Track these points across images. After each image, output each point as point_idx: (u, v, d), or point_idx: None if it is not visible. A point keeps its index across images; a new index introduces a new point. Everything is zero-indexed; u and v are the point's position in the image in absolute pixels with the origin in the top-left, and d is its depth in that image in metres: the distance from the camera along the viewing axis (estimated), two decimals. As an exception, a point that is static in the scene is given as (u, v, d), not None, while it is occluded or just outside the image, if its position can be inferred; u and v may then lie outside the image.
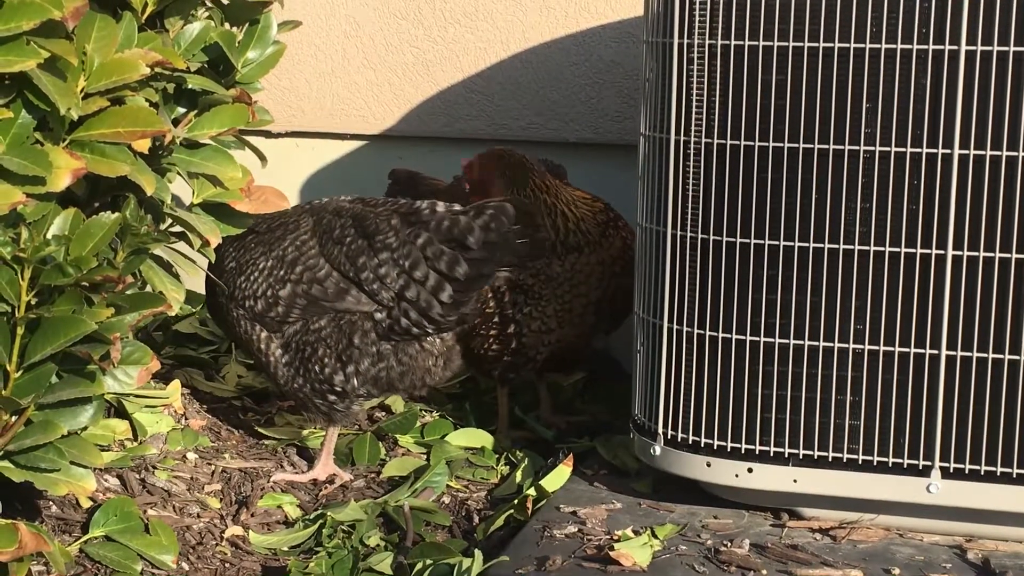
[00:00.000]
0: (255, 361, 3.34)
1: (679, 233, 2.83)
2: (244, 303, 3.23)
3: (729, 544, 2.74)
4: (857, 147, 2.66)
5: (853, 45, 2.63)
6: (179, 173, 2.86)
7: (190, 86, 2.81)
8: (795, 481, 2.79)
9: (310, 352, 3.19)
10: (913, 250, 2.67)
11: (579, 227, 3.47)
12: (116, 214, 2.49)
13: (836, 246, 2.70)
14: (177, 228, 2.89)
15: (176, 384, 3.52)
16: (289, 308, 3.20)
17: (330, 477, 3.31)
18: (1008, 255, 2.62)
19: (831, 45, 2.65)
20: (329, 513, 3.03)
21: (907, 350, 2.70)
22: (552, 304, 3.47)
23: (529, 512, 2.99)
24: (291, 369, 3.22)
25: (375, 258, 3.13)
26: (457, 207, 3.13)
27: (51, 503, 2.88)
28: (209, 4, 2.95)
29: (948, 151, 2.62)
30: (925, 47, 2.60)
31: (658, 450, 2.92)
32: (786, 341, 2.75)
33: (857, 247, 2.69)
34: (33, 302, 2.37)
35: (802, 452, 2.77)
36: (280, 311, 3.20)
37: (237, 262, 3.25)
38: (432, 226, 3.11)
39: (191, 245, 2.89)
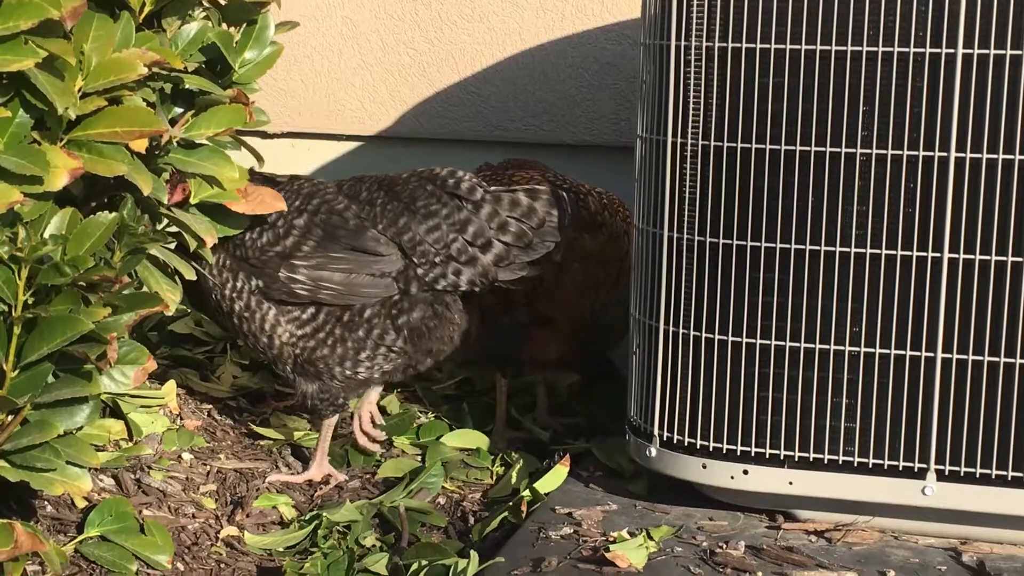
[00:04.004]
0: (242, 327, 3.24)
1: (676, 235, 2.83)
2: (245, 241, 3.15)
3: (724, 546, 2.74)
4: (854, 150, 2.67)
5: (850, 48, 2.64)
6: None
7: (187, 86, 2.81)
8: (791, 483, 2.79)
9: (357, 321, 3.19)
10: (909, 253, 2.67)
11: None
12: (113, 214, 2.49)
13: (832, 249, 2.70)
14: (173, 228, 2.89)
15: (172, 384, 3.52)
16: (303, 238, 3.14)
17: (325, 478, 3.31)
18: (1004, 258, 2.63)
19: (828, 48, 2.65)
20: (324, 514, 3.03)
21: (903, 353, 2.70)
22: None
23: (524, 514, 2.99)
24: (312, 341, 3.19)
25: (423, 224, 3.14)
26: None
27: (46, 503, 2.87)
28: (206, 4, 2.95)
29: (944, 154, 2.63)
30: (922, 50, 2.60)
31: (654, 452, 2.92)
32: (782, 343, 2.76)
33: (854, 250, 2.70)
34: (30, 301, 2.37)
35: (798, 454, 2.77)
36: (289, 244, 3.14)
37: None
38: (490, 198, 3.16)
39: (187, 246, 2.89)
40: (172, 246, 2.83)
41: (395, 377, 3.35)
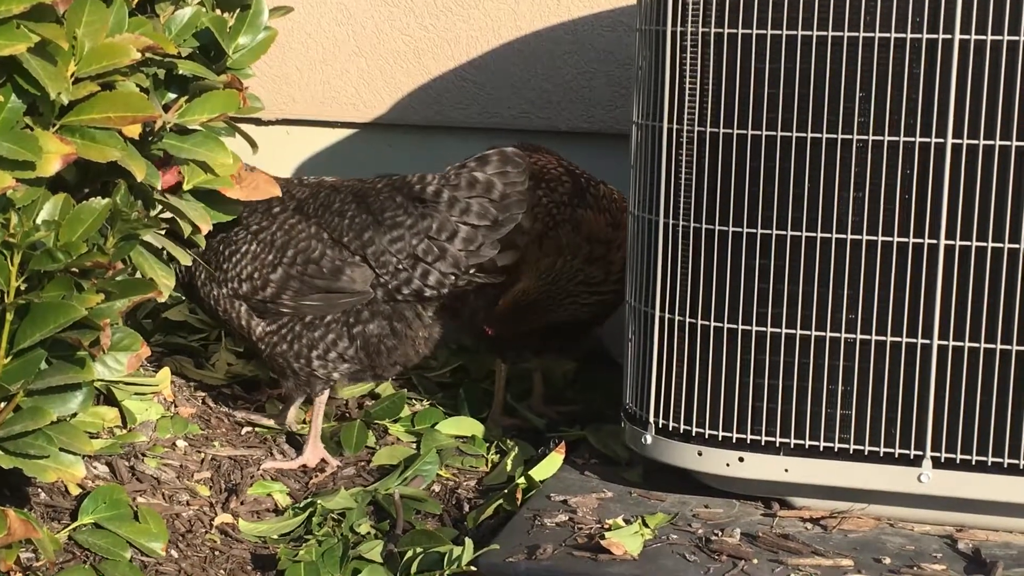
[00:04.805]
0: (232, 329, 3.36)
1: (671, 222, 2.82)
2: (227, 284, 3.25)
3: (720, 533, 2.74)
4: (850, 136, 2.66)
5: (847, 33, 2.63)
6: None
7: (181, 71, 2.80)
8: (786, 470, 2.79)
9: (316, 321, 3.23)
10: (906, 239, 2.67)
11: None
12: (106, 200, 2.48)
13: (829, 235, 2.70)
14: (167, 214, 2.88)
15: (166, 371, 3.51)
16: (281, 290, 3.22)
17: (320, 464, 3.31)
18: (1000, 245, 2.62)
19: (824, 33, 2.64)
20: (319, 501, 3.02)
21: (899, 339, 2.70)
22: None
23: (519, 501, 2.99)
24: (276, 336, 3.26)
25: (387, 234, 3.17)
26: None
27: (40, 490, 2.87)
28: (200, -11, 2.94)
29: (941, 140, 2.62)
30: (919, 36, 2.59)
31: (649, 439, 2.91)
32: (778, 330, 2.75)
33: (850, 236, 2.69)
34: (22, 287, 2.36)
35: (793, 441, 2.77)
36: (268, 294, 3.22)
37: (220, 242, 3.26)
38: (450, 185, 3.17)
39: (181, 232, 2.88)
40: (163, 233, 2.82)
41: (364, 379, 3.40)
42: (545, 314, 3.50)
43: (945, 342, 2.67)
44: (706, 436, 2.83)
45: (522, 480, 3.05)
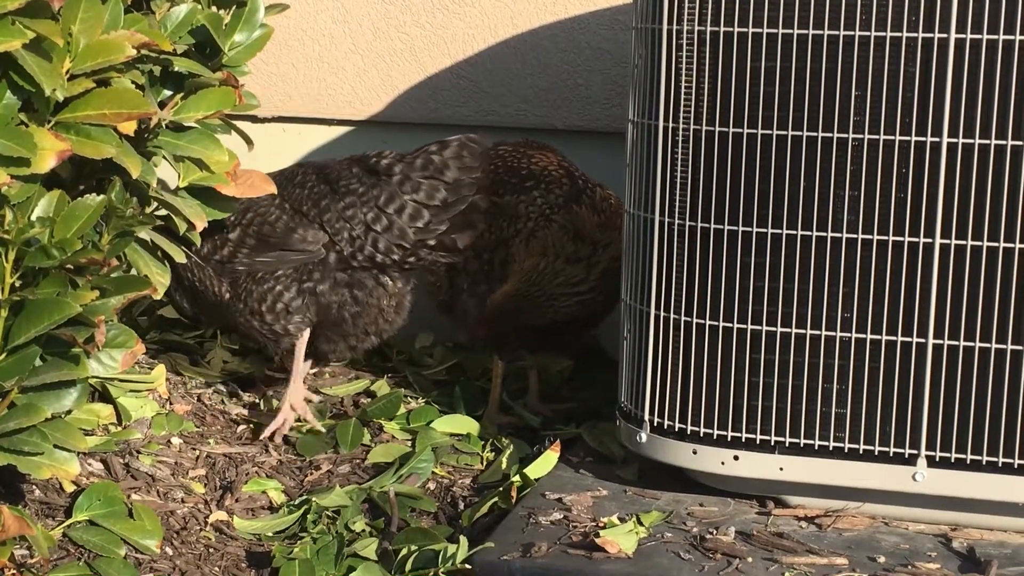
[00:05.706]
0: (204, 301, 3.45)
1: (667, 220, 2.82)
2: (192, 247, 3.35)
3: (715, 532, 2.74)
4: (846, 135, 2.66)
5: (843, 32, 2.63)
6: (165, 156, 2.84)
7: (176, 68, 2.79)
8: (781, 469, 2.79)
9: (265, 275, 3.37)
10: (901, 238, 2.67)
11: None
12: (101, 196, 2.48)
13: (824, 234, 2.70)
14: (163, 211, 2.87)
15: (161, 368, 3.51)
16: (237, 248, 3.34)
17: (302, 420, 3.41)
18: (996, 244, 2.62)
19: (820, 32, 2.64)
20: (314, 499, 3.02)
21: (894, 338, 2.70)
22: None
23: (514, 499, 2.99)
24: (233, 297, 3.37)
25: (340, 201, 3.31)
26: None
27: (34, 487, 2.86)
28: (196, -14, 2.93)
29: (937, 139, 2.62)
30: (915, 35, 2.60)
31: (644, 437, 2.91)
32: (773, 329, 2.75)
33: (845, 235, 2.69)
34: (17, 284, 2.36)
35: (788, 440, 2.77)
36: (226, 254, 3.35)
37: None
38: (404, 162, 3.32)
39: (176, 229, 2.88)
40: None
41: (340, 351, 3.50)
42: (533, 315, 3.50)
43: (940, 341, 2.68)
44: (701, 434, 2.83)
45: (517, 478, 3.05)
